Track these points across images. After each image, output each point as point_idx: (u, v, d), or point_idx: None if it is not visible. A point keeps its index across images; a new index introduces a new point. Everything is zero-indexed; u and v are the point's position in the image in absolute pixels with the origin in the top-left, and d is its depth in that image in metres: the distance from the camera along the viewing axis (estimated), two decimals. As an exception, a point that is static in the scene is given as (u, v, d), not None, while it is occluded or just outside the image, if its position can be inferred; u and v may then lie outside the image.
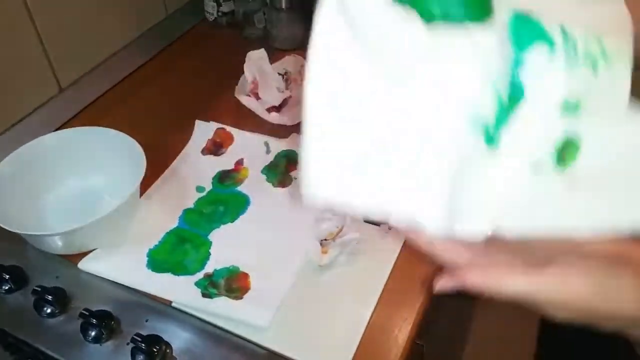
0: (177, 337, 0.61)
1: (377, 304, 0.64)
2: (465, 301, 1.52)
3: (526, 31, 0.32)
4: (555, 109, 0.33)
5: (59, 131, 0.79)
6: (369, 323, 0.62)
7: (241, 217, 0.73)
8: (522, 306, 0.35)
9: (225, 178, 0.79)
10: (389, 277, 0.67)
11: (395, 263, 0.68)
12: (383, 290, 0.65)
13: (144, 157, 0.70)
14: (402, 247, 0.70)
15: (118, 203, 0.66)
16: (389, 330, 0.62)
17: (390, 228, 0.72)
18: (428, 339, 0.95)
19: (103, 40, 0.96)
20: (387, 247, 0.70)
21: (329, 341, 0.60)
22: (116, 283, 0.66)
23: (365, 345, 0.60)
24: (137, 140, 0.73)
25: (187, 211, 0.74)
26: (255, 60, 0.88)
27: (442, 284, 0.37)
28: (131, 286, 0.66)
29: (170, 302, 0.64)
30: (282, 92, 0.92)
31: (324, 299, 0.65)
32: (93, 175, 0.77)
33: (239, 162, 0.81)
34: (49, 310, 0.63)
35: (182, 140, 0.85)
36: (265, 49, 0.93)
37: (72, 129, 0.79)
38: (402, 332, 0.62)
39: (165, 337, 0.61)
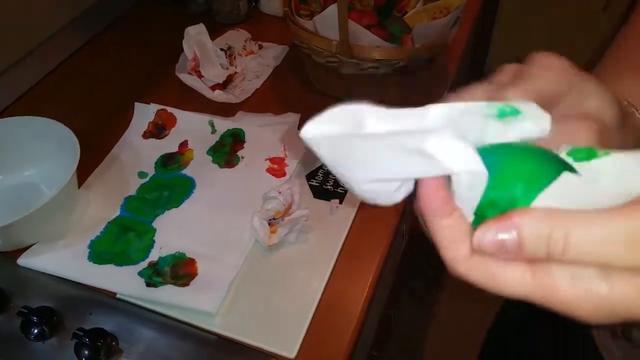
0: (124, 329, 0.60)
1: (329, 279, 0.63)
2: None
3: None
4: None
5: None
6: (320, 300, 0.61)
7: (186, 201, 0.71)
8: None
9: (169, 161, 0.76)
10: (340, 252, 0.66)
11: (347, 237, 0.67)
12: (334, 266, 0.64)
13: (77, 144, 0.67)
14: (353, 221, 0.69)
15: (53, 194, 0.63)
16: (341, 305, 0.61)
17: (340, 202, 0.71)
18: (397, 309, 0.96)
19: (35, 24, 0.90)
20: (337, 222, 0.68)
21: (281, 321, 0.59)
22: (58, 278, 0.64)
23: (318, 321, 0.60)
24: (77, 128, 0.69)
25: (129, 198, 0.71)
26: (194, 36, 0.85)
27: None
28: (73, 280, 0.63)
29: (115, 293, 0.62)
30: (226, 68, 0.89)
31: (274, 279, 0.63)
32: (28, 168, 0.74)
33: (184, 144, 0.79)
34: (-14, 311, 0.61)
35: (123, 125, 0.82)
36: (209, 25, 0.90)
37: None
38: (355, 305, 0.61)
39: (111, 330, 0.59)
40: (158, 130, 0.81)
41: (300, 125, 0.80)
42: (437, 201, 0.28)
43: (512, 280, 0.26)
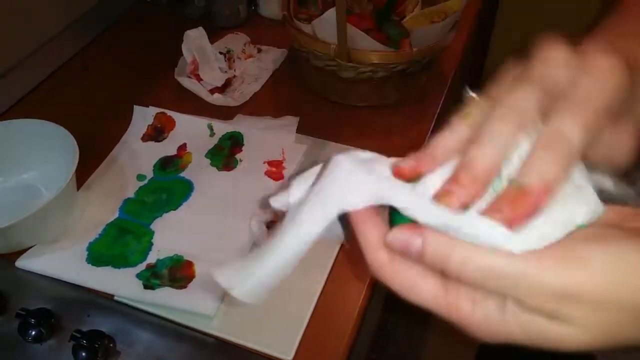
0: (121, 331, 0.60)
1: (326, 282, 0.63)
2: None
3: None
4: None
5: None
6: (318, 302, 0.61)
7: (184, 204, 0.71)
8: None
9: (167, 164, 0.77)
10: (338, 252, 0.66)
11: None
12: (333, 266, 0.65)
13: (76, 146, 0.67)
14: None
15: (51, 196, 0.63)
16: (338, 308, 0.61)
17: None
18: (396, 311, 0.96)
19: (33, 28, 0.91)
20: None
21: (278, 323, 0.59)
22: (56, 280, 0.64)
23: (315, 324, 0.60)
24: (76, 130, 0.70)
25: (127, 201, 0.71)
26: (194, 40, 0.85)
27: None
28: (71, 282, 0.63)
29: (112, 295, 0.62)
30: (225, 72, 0.89)
31: (271, 282, 0.63)
32: (27, 170, 0.74)
33: (182, 147, 0.79)
34: (-16, 314, 0.61)
35: (122, 127, 0.82)
36: (208, 28, 0.90)
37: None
38: (352, 308, 0.61)
39: (109, 332, 0.59)
40: (157, 133, 0.81)
41: (298, 129, 0.81)
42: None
43: (426, 291, 0.29)
